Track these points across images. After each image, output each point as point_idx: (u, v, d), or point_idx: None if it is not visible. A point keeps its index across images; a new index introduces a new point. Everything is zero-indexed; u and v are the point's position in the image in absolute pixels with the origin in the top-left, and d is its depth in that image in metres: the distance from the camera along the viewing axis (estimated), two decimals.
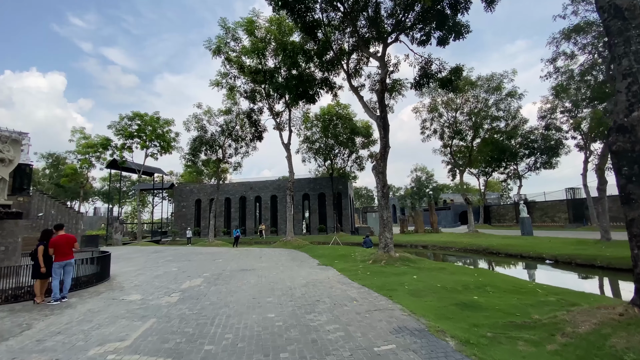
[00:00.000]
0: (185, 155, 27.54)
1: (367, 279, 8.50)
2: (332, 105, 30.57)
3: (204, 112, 26.60)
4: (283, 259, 14.00)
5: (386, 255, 11.44)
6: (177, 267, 12.16)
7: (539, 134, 35.97)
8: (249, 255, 15.65)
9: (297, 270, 10.54)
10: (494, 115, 26.60)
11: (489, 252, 17.49)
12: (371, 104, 15.64)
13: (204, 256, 15.91)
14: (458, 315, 5.07)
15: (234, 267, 11.75)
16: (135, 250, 21.79)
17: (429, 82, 14.25)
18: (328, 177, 38.39)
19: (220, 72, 22.51)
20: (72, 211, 26.36)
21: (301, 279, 8.84)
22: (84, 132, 33.41)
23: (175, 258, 15.47)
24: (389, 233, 11.82)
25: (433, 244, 21.85)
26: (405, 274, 8.95)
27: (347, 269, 10.33)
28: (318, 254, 14.98)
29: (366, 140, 32.07)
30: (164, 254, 17.58)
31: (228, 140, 27.92)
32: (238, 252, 17.97)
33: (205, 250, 19.93)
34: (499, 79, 25.83)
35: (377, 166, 12.24)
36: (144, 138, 29.75)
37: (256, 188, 39.41)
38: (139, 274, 10.81)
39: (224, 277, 9.53)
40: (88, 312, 6.16)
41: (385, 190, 12.10)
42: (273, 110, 23.70)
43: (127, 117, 29.09)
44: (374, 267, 10.43)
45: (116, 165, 33.24)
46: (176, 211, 40.92)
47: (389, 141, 12.42)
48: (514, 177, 41.18)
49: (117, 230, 31.28)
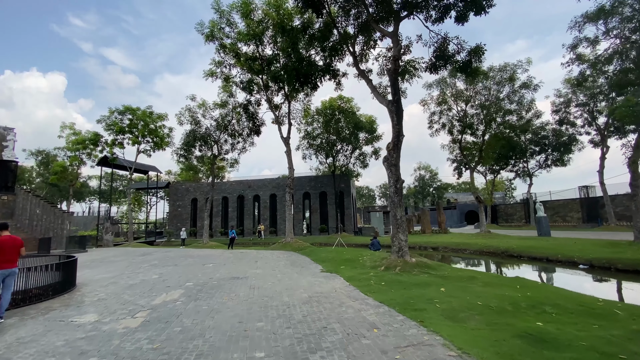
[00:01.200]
0: (177, 151, 25.89)
1: (384, 292, 6.89)
2: (334, 99, 28.96)
3: (198, 105, 25.00)
4: (281, 263, 12.39)
5: (401, 260, 9.83)
6: (160, 273, 10.56)
7: (550, 130, 34.37)
8: (244, 259, 14.04)
9: (297, 278, 8.93)
10: (506, 108, 24.93)
11: (509, 255, 15.85)
12: (380, 89, 14.04)
13: (193, 260, 14.30)
14: (535, 358, 3.45)
15: (224, 274, 10.14)
16: (123, 253, 20.20)
17: (445, 64, 12.62)
18: (330, 175, 36.74)
19: (214, 60, 20.90)
20: (58, 211, 24.77)
21: (302, 291, 7.23)
22: (74, 128, 31.79)
23: (162, 262, 13.86)
24: (403, 235, 10.21)
25: (444, 246, 20.21)
26: (428, 285, 7.34)
27: (357, 277, 8.72)
28: (321, 257, 13.37)
29: (370, 136, 30.45)
30: (151, 257, 15.98)
31: (224, 135, 26.32)
32: (232, 255, 16.36)
33: (197, 252, 18.33)
34: (513, 69, 24.18)
35: (389, 157, 10.62)
36: (136, 133, 28.12)
37: (255, 187, 37.80)
38: (111, 282, 9.20)
39: (209, 288, 7.92)
40: (15, 343, 4.55)
41: (399, 186, 10.49)
42: (272, 103, 22.08)
43: (118, 111, 27.45)
44: (388, 275, 8.81)
45: (107, 163, 31.61)
46: (171, 211, 39.32)
47: (403, 129, 10.80)
48: (523, 175, 39.54)
49: (108, 231, 29.67)
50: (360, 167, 31.98)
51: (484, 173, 44.32)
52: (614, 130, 28.45)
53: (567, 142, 32.88)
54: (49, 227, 24.77)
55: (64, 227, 24.42)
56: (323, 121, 30.18)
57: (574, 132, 32.30)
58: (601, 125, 29.47)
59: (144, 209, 61.03)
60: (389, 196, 10.71)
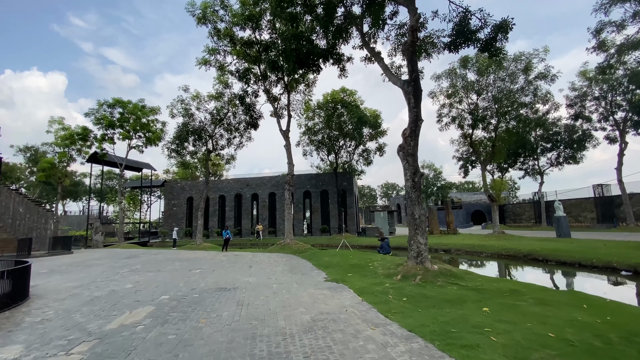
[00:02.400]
0: (167, 145, 24.28)
1: (409, 312, 5.30)
2: (337, 91, 27.35)
3: (192, 97, 23.41)
4: (279, 269, 10.80)
5: (420, 267, 8.23)
6: (136, 282, 8.98)
7: (562, 126, 32.73)
8: (237, 264, 12.46)
9: (296, 290, 7.34)
10: (521, 100, 23.30)
11: (533, 258, 14.24)
12: (392, 70, 12.43)
13: (180, 264, 12.71)
14: None
15: (210, 283, 8.55)
16: (109, 255, 18.64)
17: (467, 41, 11.02)
18: (331, 173, 35.17)
19: (207, 47, 19.31)
20: (42, 209, 23.20)
21: (303, 310, 5.64)
22: (63, 123, 30.20)
23: (145, 267, 12.28)
24: (422, 237, 8.61)
25: (457, 248, 18.60)
26: (463, 302, 5.74)
27: (370, 289, 7.13)
28: (324, 262, 11.78)
29: (374, 131, 28.83)
30: (136, 261, 14.40)
31: (219, 129, 24.74)
32: (225, 258, 14.78)
33: (188, 255, 16.76)
34: (528, 59, 22.56)
35: (406, 146, 9.03)
36: (127, 128, 26.55)
37: (253, 185, 36.22)
38: (73, 294, 7.62)
39: (186, 304, 6.33)
40: None
41: (417, 179, 8.89)
42: (270, 94, 20.49)
43: (107, 104, 25.88)
44: (408, 286, 7.22)
45: (98, 159, 30.06)
46: (166, 210, 37.75)
47: (421, 113, 9.20)
48: (533, 173, 37.87)
49: (98, 231, 28.10)
50: (364, 164, 30.40)
51: (491, 171, 42.70)
52: (634, 124, 26.86)
53: (582, 138, 31.22)
54: (32, 226, 23.21)
55: (48, 227, 22.85)
56: (324, 116, 28.60)
57: (589, 128, 30.67)
58: (619, 119, 27.86)
59: (150, 208, 59.63)
60: (405, 192, 9.12)
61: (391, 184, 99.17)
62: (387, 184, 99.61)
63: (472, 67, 24.27)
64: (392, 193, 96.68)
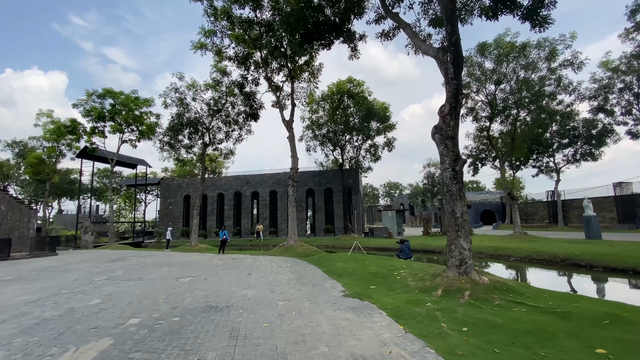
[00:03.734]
0: (160, 137, 22.43)
1: (482, 353, 3.50)
2: (343, 82, 25.51)
3: (187, 85, 21.61)
4: (283, 278, 9.00)
5: (466, 280, 6.44)
6: (105, 296, 7.20)
7: (581, 120, 30.86)
8: (234, 270, 10.67)
9: (309, 311, 5.55)
10: (543, 91, 21.46)
11: (574, 264, 12.42)
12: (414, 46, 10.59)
13: (168, 270, 10.93)
14: None
15: (198, 298, 6.77)
16: (94, 257, 16.88)
17: (509, 7, 9.21)
18: (336, 170, 33.38)
19: (203, 29, 17.51)
20: (24, 207, 21.44)
21: (324, 351, 3.84)
22: (52, 116, 28.42)
23: (126, 273, 10.50)
24: (466, 241, 6.82)
25: (479, 251, 16.75)
26: (553, 336, 3.94)
27: (408, 311, 5.33)
28: (336, 269, 9.98)
29: (382, 125, 27.00)
30: (119, 265, 12.63)
31: (217, 121, 22.95)
32: (221, 262, 12.99)
33: (180, 258, 14.97)
34: (552, 44, 20.73)
35: (444, 127, 7.23)
36: (118, 121, 24.76)
37: (253, 182, 34.43)
38: (18, 314, 5.84)
39: (158, 336, 4.53)
40: None
41: (458, 168, 7.10)
42: (272, 82, 18.69)
43: (97, 94, 24.09)
44: (458, 306, 5.42)
45: (89, 155, 28.31)
46: (162, 209, 35.98)
47: (462, 85, 7.40)
48: (547, 171, 35.99)
49: (87, 231, 26.33)
50: (371, 160, 28.57)
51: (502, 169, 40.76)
52: None
53: (602, 133, 29.36)
54: (14, 226, 21.45)
55: (30, 227, 21.08)
56: (329, 108, 26.78)
57: (610, 122, 28.83)
58: None
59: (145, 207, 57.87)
60: (442, 184, 7.34)
61: (394, 183, 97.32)
62: (389, 183, 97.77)
63: (489, 54, 22.48)
64: (394, 192, 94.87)
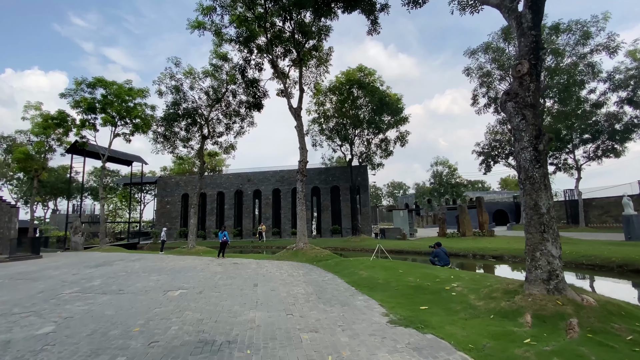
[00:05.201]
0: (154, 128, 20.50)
1: None
2: (353, 70, 23.62)
3: (185, 72, 19.75)
4: (299, 292, 7.11)
5: (561, 300, 4.55)
6: (63, 321, 5.33)
7: (603, 114, 28.93)
8: (236, 279, 8.78)
9: (351, 354, 3.66)
10: (576, 79, 19.59)
11: (635, 270, 10.52)
12: None
13: (157, 279, 9.04)
14: None
15: (187, 325, 4.88)
16: (79, 261, 15.01)
17: None
18: (343, 167, 31.61)
19: (201, 5, 15.64)
20: (5, 205, 19.57)
21: None
22: (41, 108, 26.51)
23: (104, 284, 8.63)
24: (555, 246, 4.95)
25: (511, 255, 14.84)
26: None
27: (503, 354, 3.44)
28: (363, 279, 8.09)
29: (394, 118, 25.09)
30: (102, 272, 10.76)
31: (216, 112, 21.10)
32: (221, 268, 11.11)
33: (173, 263, 13.09)
34: (584, 27, 18.88)
35: (521, 92, 5.36)
36: (111, 113, 22.88)
37: (255, 180, 32.56)
38: None
39: None
40: None
41: (542, 147, 5.24)
42: (277, 67, 16.79)
43: (87, 84, 22.22)
44: (572, 344, 3.53)
45: (79, 150, 26.47)
46: (159, 208, 34.12)
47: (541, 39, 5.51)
48: (565, 168, 34.05)
49: (78, 231, 24.48)
50: (382, 156, 26.66)
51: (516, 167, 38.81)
52: None
53: (629, 128, 27.43)
54: None
55: (12, 227, 19.21)
56: (337, 100, 24.90)
57: (638, 115, 26.90)
58: None
59: (142, 207, 56.03)
60: (518, 168, 5.44)
61: (397, 183, 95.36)
62: (393, 182, 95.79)
63: (514, 39, 20.63)
64: (398, 192, 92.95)
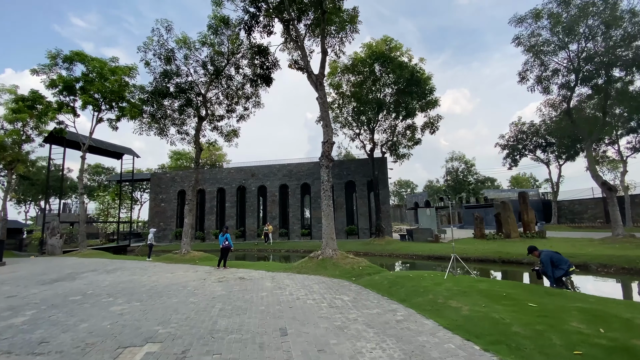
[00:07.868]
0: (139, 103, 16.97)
1: None
2: (378, 43, 20.05)
3: (177, 40, 16.26)
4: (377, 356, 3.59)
5: None
6: None
7: None
8: (247, 316, 5.21)
9: None
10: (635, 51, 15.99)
11: None
12: None
13: (120, 312, 5.52)
14: None
15: None
16: (38, 272, 11.52)
17: None
18: (358, 159, 28.13)
19: None
20: None
21: None
22: (16, 92, 23.01)
23: (32, 322, 5.10)
24: None
25: (597, 263, 11.31)
26: None
27: None
28: (469, 321, 4.58)
29: (422, 102, 21.50)
30: (50, 294, 7.27)
31: (215, 91, 17.64)
32: (222, 289, 7.59)
33: (156, 277, 9.59)
34: None
35: None
36: (90, 92, 19.39)
37: (260, 175, 29.06)
38: None
39: None
40: None
41: None
42: (290, 30, 13.27)
43: (63, 58, 18.74)
44: None
45: (58, 139, 22.99)
46: (153, 206, 30.61)
47: None
48: (606, 161, 30.58)
49: (54, 233, 20.98)
50: (406, 146, 23.10)
51: (546, 160, 35.33)
52: None
53: None
54: None
55: None
56: (355, 82, 21.38)
57: None
58: None
59: (132, 205, 52.57)
60: None
61: (405, 182, 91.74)
62: (400, 181, 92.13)
63: (573, 6, 17.07)
64: (404, 192, 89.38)
